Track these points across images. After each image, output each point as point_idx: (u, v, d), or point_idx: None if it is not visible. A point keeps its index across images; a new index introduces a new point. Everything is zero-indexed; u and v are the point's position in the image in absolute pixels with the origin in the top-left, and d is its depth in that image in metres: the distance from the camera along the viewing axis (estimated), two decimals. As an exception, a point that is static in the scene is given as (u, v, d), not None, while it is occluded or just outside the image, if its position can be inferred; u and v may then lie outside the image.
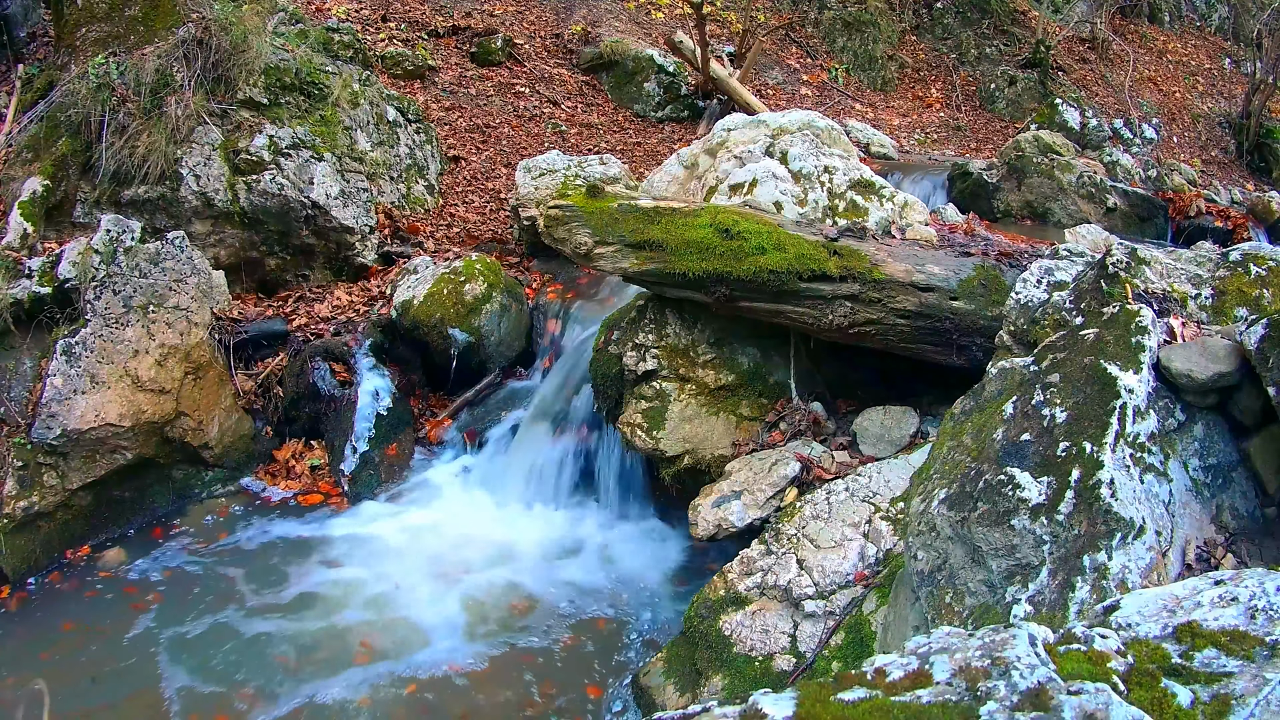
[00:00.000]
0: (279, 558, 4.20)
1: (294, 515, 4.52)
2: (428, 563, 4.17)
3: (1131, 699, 1.13)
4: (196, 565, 4.14)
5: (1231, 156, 10.78)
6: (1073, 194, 7.16)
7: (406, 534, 4.37)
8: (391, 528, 4.43)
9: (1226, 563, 1.97)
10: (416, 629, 3.75)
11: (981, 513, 2.02)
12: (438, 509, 4.59)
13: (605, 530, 4.42)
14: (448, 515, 4.52)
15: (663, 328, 4.23)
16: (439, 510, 4.58)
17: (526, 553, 4.28)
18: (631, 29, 9.66)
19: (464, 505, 4.62)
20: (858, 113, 9.86)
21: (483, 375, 5.27)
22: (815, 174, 4.61)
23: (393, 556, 4.20)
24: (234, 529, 4.41)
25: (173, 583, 4.01)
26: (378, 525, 4.44)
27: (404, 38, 8.34)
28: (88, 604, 3.87)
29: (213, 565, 4.14)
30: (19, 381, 4.12)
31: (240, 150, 5.32)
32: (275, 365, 5.04)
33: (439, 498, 4.69)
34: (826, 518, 3.28)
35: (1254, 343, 2.01)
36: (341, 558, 4.19)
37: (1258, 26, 11.18)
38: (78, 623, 3.74)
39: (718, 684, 2.95)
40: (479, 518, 4.52)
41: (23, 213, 4.69)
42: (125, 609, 3.84)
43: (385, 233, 5.90)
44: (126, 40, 5.24)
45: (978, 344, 3.70)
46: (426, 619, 3.80)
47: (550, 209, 4.03)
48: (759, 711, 1.17)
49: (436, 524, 4.45)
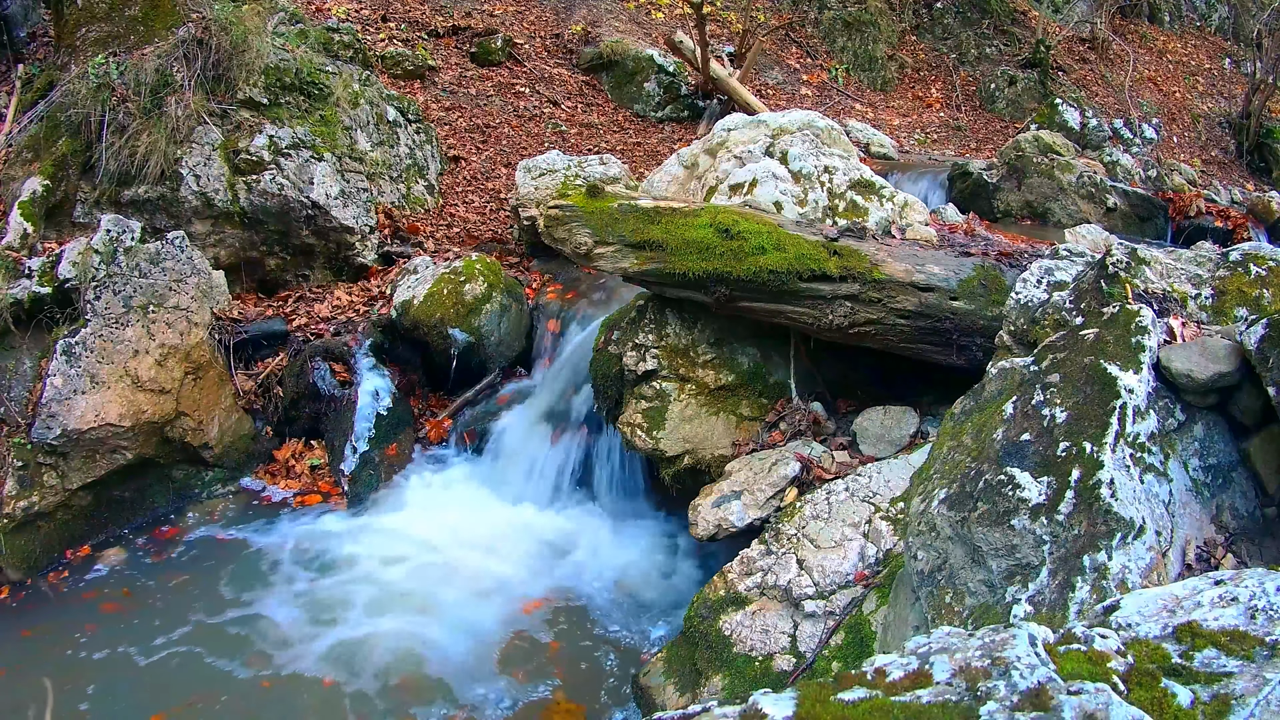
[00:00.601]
0: (279, 558, 4.19)
1: (294, 515, 4.52)
2: (428, 563, 4.17)
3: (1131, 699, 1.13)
4: (196, 565, 4.14)
5: (1231, 156, 10.78)
6: (1073, 194, 7.16)
7: (406, 534, 4.37)
8: (391, 528, 4.43)
9: (1226, 563, 1.97)
10: (416, 629, 3.75)
11: (981, 513, 2.02)
12: (438, 509, 4.59)
13: (605, 530, 4.42)
14: (448, 515, 4.52)
15: (663, 328, 4.23)
16: (439, 510, 4.58)
17: (526, 552, 4.27)
18: (631, 29, 9.66)
19: (464, 505, 4.61)
20: (858, 113, 9.86)
21: (483, 375, 5.27)
22: (815, 174, 4.61)
23: (392, 556, 4.20)
24: (234, 529, 4.41)
25: (172, 582, 4.01)
26: (378, 525, 4.44)
27: (404, 38, 8.34)
28: (87, 604, 3.87)
29: (212, 565, 4.14)
30: (19, 381, 4.12)
31: (240, 150, 5.32)
32: (275, 365, 5.04)
33: (439, 498, 4.68)
34: (826, 518, 3.28)
35: (1254, 343, 2.01)
36: (341, 558, 4.19)
37: (1258, 26, 11.18)
38: (77, 622, 3.74)
39: (718, 684, 2.95)
40: (479, 517, 4.52)
41: (23, 213, 4.69)
42: (125, 609, 3.83)
43: (385, 233, 5.90)
44: (126, 40, 5.25)
45: (978, 344, 3.70)
46: (426, 619, 3.80)
47: (550, 209, 4.03)
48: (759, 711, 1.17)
49: (436, 524, 4.44)
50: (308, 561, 4.17)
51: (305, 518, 4.50)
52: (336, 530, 4.40)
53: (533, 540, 4.36)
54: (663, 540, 4.36)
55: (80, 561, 4.13)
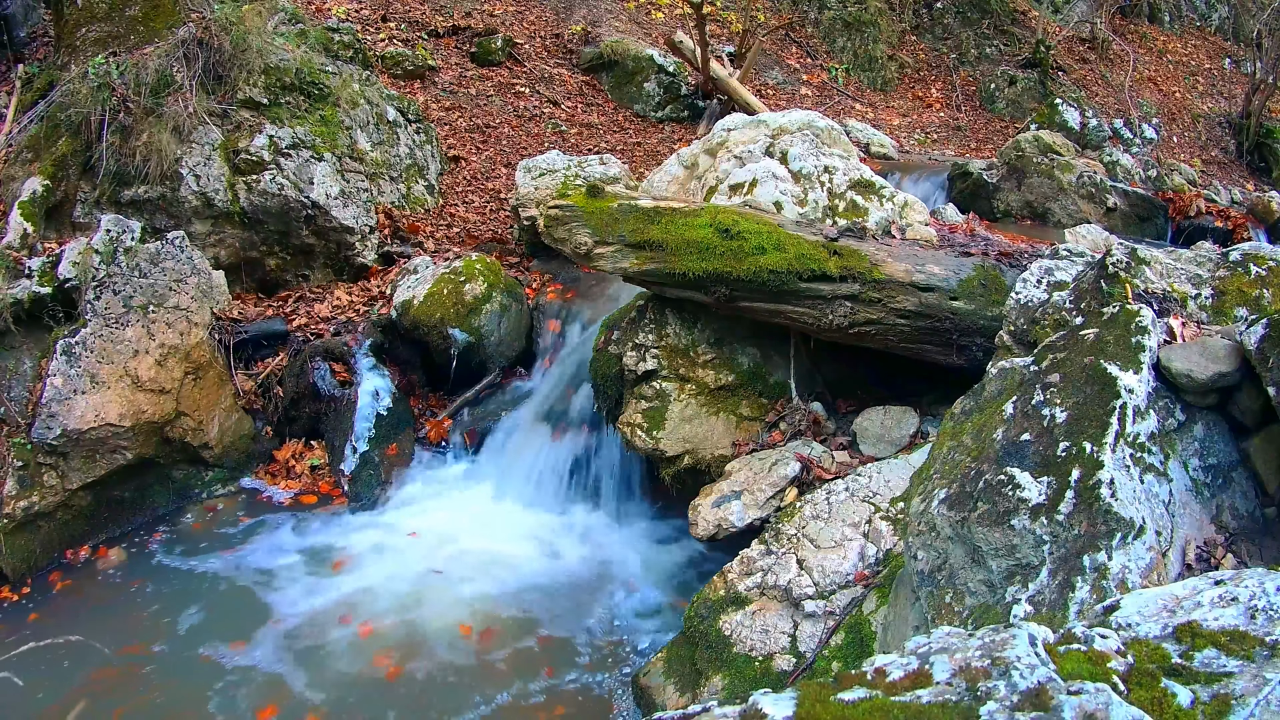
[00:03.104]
0: (279, 558, 4.19)
1: (294, 515, 4.52)
2: (427, 563, 4.17)
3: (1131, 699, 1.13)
4: (196, 565, 4.14)
5: (1231, 156, 10.78)
6: (1073, 194, 7.16)
7: (406, 534, 4.37)
8: (391, 528, 4.43)
9: (1226, 563, 1.97)
10: (416, 629, 3.75)
11: (981, 513, 2.02)
12: (438, 509, 4.59)
13: (604, 530, 4.42)
14: (448, 515, 4.52)
15: (663, 328, 4.23)
16: (439, 510, 4.58)
17: (526, 552, 4.28)
18: (631, 29, 9.66)
19: (464, 505, 4.61)
20: (858, 113, 9.86)
21: (483, 375, 5.27)
22: (815, 174, 4.61)
23: (392, 557, 4.21)
24: (234, 529, 4.41)
25: (172, 582, 4.02)
26: (377, 525, 4.44)
27: (404, 38, 8.34)
28: (86, 603, 3.87)
29: (212, 565, 4.14)
30: (19, 381, 4.12)
31: (240, 150, 5.32)
32: (275, 365, 5.04)
33: (439, 498, 4.68)
34: (826, 518, 3.28)
35: (1254, 343, 2.01)
36: (341, 558, 4.19)
37: (1258, 26, 11.18)
38: (77, 622, 3.73)
39: (718, 684, 2.95)
40: (479, 518, 4.52)
41: (23, 213, 4.69)
42: (125, 609, 3.83)
43: (385, 233, 5.90)
44: (126, 40, 5.25)
45: (978, 344, 3.70)
46: (426, 619, 3.80)
47: (550, 209, 4.03)
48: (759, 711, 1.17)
49: (436, 524, 4.45)
50: (307, 561, 4.17)
51: (305, 518, 4.50)
52: (336, 530, 4.40)
53: (532, 540, 4.36)
54: (662, 540, 4.36)
55: (80, 562, 4.13)
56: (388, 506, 4.61)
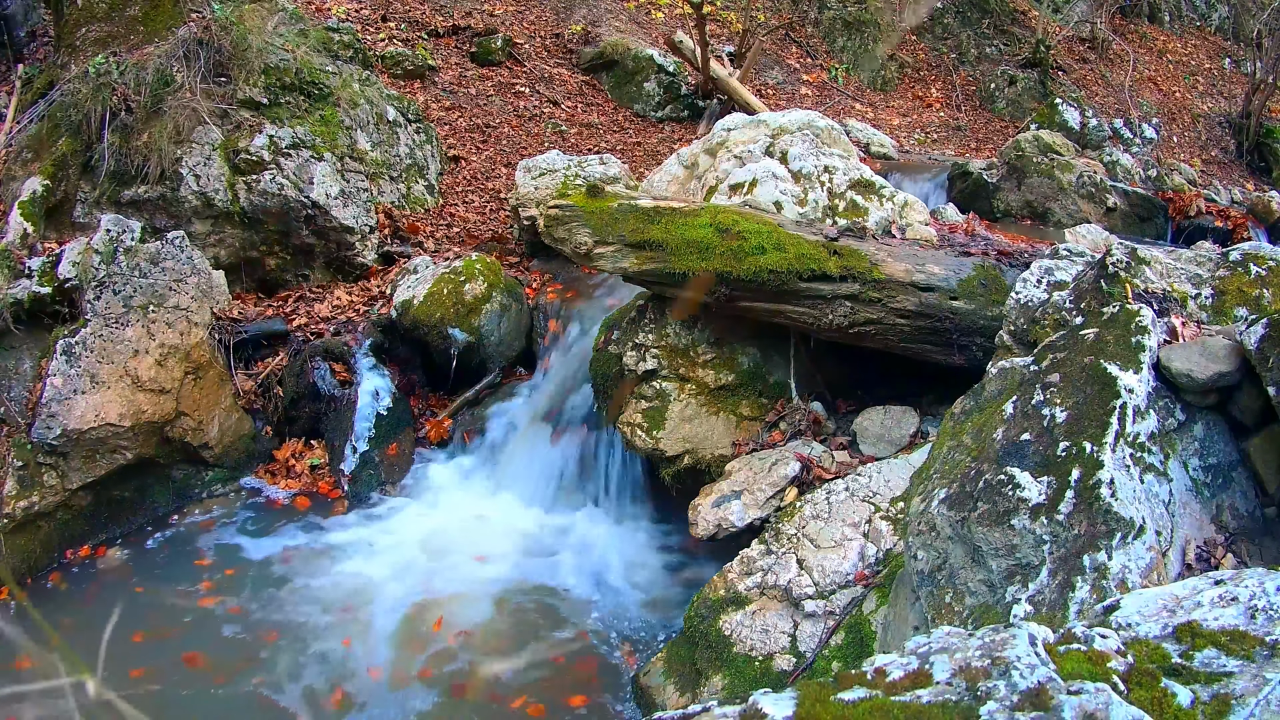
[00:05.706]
0: (279, 557, 4.19)
1: (294, 515, 4.52)
2: (428, 563, 4.17)
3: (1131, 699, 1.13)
4: (196, 565, 4.14)
5: (1231, 156, 10.78)
6: (1073, 194, 7.16)
7: (406, 534, 4.37)
8: (391, 528, 4.43)
9: (1226, 563, 1.97)
10: (417, 629, 3.75)
11: (981, 512, 2.02)
12: (438, 509, 4.59)
13: (605, 530, 4.42)
14: (448, 515, 4.52)
15: (663, 328, 4.23)
16: (439, 510, 4.58)
17: (526, 552, 4.28)
18: (631, 29, 9.66)
19: (464, 505, 4.61)
20: (858, 113, 9.86)
21: (483, 375, 5.27)
22: (815, 174, 4.61)
23: (393, 557, 4.20)
24: (234, 529, 4.41)
25: (172, 583, 4.02)
26: (377, 525, 4.44)
27: (404, 38, 8.34)
28: (86, 604, 3.87)
29: (212, 565, 4.14)
30: (19, 381, 4.12)
31: (240, 150, 5.32)
32: (275, 365, 5.04)
33: (439, 498, 4.68)
34: (826, 517, 3.28)
35: (1254, 342, 2.01)
36: (341, 558, 4.19)
37: (1258, 26, 11.18)
38: (76, 622, 3.74)
39: (718, 684, 2.95)
40: (479, 517, 4.52)
41: (23, 212, 4.69)
42: (125, 609, 3.83)
43: (385, 232, 5.90)
44: (127, 40, 5.24)
45: (978, 344, 3.70)
46: (427, 619, 3.80)
47: (550, 209, 4.03)
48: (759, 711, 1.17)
49: (437, 524, 4.45)
50: (307, 561, 4.17)
51: (305, 517, 4.50)
52: (336, 530, 4.39)
53: (532, 540, 4.36)
54: (662, 540, 4.35)
55: (80, 562, 4.13)
56: (387, 506, 4.60)
